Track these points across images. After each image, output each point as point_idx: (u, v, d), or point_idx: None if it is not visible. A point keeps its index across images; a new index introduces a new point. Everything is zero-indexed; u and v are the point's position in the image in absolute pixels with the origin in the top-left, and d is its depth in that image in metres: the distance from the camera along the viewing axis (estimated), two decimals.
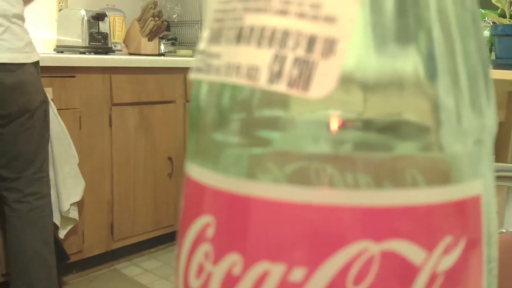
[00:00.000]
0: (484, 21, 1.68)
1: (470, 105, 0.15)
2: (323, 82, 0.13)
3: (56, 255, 1.64)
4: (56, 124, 1.72)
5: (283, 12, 0.13)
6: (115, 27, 2.44)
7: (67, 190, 1.79)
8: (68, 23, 2.22)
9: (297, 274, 0.13)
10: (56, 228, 1.75)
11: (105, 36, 2.25)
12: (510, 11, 1.61)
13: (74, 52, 2.19)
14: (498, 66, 1.57)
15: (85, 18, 2.18)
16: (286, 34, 0.13)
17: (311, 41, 0.13)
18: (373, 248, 0.13)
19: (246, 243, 0.13)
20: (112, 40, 2.37)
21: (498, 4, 1.63)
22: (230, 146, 0.14)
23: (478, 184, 0.14)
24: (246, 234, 0.13)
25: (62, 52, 2.24)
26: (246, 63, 0.14)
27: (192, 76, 0.15)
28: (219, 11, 0.15)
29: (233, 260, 0.14)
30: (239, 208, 0.14)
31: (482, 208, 0.14)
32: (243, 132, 0.14)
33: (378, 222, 0.13)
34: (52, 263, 1.62)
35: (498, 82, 1.54)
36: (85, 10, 2.20)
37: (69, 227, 1.88)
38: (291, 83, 0.13)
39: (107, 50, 2.26)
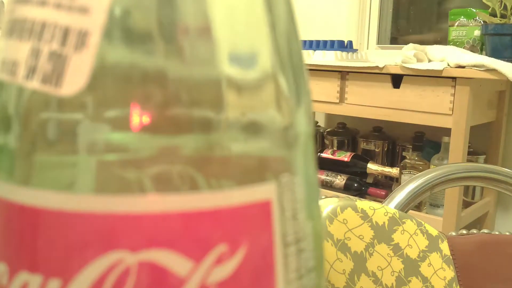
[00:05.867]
0: (475, 20, 1.66)
1: (273, 104, 0.13)
2: (75, 78, 0.12)
3: None
4: None
5: (43, 3, 0.12)
6: None
7: None
8: None
9: (53, 285, 0.12)
10: None
11: None
12: (501, 10, 1.59)
13: None
14: None
15: None
16: (43, 26, 0.12)
17: (66, 34, 0.12)
18: (129, 258, 0.12)
19: (9, 252, 0.13)
20: None
21: (489, 3, 1.61)
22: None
23: (267, 188, 0.13)
24: (9, 242, 0.13)
25: None
26: (10, 58, 0.13)
27: None
28: (5, 3, 0.14)
29: (1, 270, 0.13)
30: (3, 214, 0.13)
31: (273, 213, 0.13)
32: (12, 135, 0.13)
33: (133, 231, 0.12)
34: None
35: (489, 82, 1.52)
36: None
37: None
38: (45, 79, 0.12)
39: None
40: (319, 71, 1.64)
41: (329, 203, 0.65)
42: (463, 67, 1.44)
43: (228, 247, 0.12)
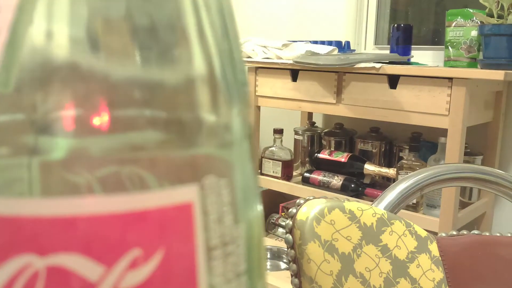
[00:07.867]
0: (472, 20, 1.65)
1: (200, 103, 0.13)
2: None
3: None
4: None
5: None
6: None
7: None
8: None
9: None
10: None
11: None
12: (498, 11, 1.58)
13: None
14: (485, 66, 1.55)
15: None
16: None
17: None
18: (38, 263, 0.11)
19: None
20: None
21: (486, 4, 1.60)
22: None
23: (188, 190, 0.13)
24: None
25: None
26: None
27: None
28: None
29: None
30: None
31: (194, 217, 0.13)
32: None
33: (41, 234, 0.11)
34: None
35: (486, 82, 1.51)
36: None
37: None
38: None
39: None
40: (316, 71, 1.64)
41: (316, 204, 0.64)
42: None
43: (143, 251, 0.12)
